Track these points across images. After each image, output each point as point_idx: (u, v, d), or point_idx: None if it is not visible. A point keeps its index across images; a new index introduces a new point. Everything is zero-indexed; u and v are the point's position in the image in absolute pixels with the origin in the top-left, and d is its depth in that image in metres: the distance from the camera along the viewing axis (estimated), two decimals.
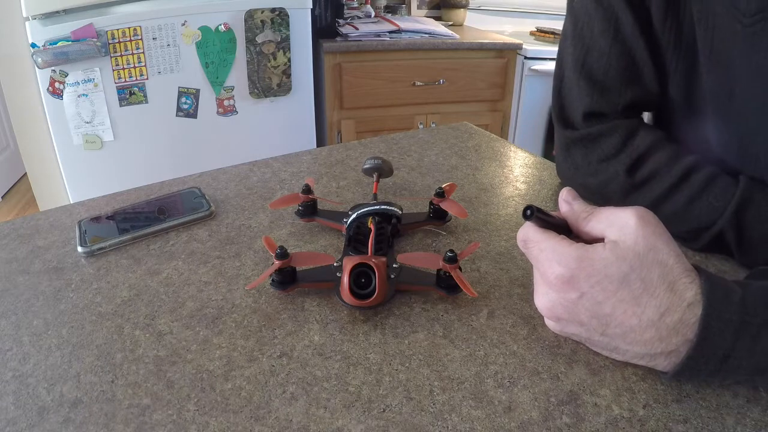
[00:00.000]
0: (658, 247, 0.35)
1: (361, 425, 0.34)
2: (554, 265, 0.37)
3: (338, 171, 0.70)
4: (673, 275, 0.34)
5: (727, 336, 0.33)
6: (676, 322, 0.34)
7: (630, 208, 0.36)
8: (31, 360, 0.39)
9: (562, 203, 0.41)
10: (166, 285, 0.47)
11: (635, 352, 0.37)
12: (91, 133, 1.68)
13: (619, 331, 0.36)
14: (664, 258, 0.35)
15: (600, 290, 0.36)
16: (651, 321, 0.35)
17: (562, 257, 0.36)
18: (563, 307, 0.37)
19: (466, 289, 0.43)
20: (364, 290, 0.42)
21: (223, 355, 0.39)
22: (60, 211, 0.60)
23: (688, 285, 0.34)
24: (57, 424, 0.34)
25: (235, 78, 1.80)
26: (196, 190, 0.62)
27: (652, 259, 0.35)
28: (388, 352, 0.39)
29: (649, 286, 0.35)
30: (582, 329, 0.38)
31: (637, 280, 0.35)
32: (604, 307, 0.36)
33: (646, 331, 0.35)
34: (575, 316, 0.37)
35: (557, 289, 0.37)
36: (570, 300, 0.37)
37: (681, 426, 0.33)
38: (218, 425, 0.34)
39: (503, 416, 0.34)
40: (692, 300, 0.34)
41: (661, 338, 0.35)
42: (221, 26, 1.72)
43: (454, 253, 0.43)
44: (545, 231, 0.38)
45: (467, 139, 0.81)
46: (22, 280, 0.48)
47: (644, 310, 0.35)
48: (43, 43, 1.53)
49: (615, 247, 0.35)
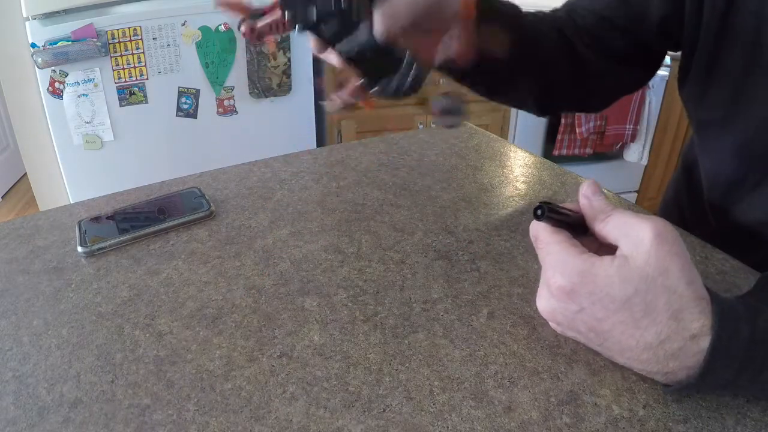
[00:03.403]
0: (671, 270, 0.33)
1: (361, 425, 0.34)
2: (557, 275, 0.35)
3: (338, 171, 0.70)
4: (681, 303, 0.33)
5: (732, 370, 0.32)
6: (675, 350, 0.33)
7: (650, 219, 0.34)
8: (31, 360, 0.39)
9: (581, 197, 0.38)
10: (166, 285, 0.47)
11: (632, 366, 0.36)
12: (91, 133, 1.68)
13: (617, 348, 0.35)
14: (674, 284, 0.33)
15: (600, 308, 0.34)
16: (649, 345, 0.33)
17: (565, 268, 0.35)
18: (563, 316, 0.37)
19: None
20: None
21: (223, 355, 0.39)
22: (60, 211, 0.60)
23: (696, 316, 0.32)
24: (57, 424, 0.34)
25: (235, 78, 1.80)
26: (196, 190, 0.62)
27: (660, 284, 0.33)
28: (388, 352, 0.39)
29: (652, 312, 0.33)
30: (581, 337, 0.38)
31: (640, 303, 0.33)
32: (603, 324, 0.35)
33: (643, 353, 0.34)
34: (574, 326, 0.37)
35: (557, 298, 0.36)
36: (569, 311, 0.36)
37: (681, 426, 0.33)
38: (218, 425, 0.34)
39: (503, 416, 0.34)
40: (697, 332, 0.32)
41: (657, 361, 0.34)
42: (221, 26, 1.72)
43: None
44: (556, 232, 0.37)
45: (467, 139, 0.81)
46: (22, 280, 0.48)
47: (643, 333, 0.33)
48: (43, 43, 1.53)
49: (623, 266, 0.33)
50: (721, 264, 0.49)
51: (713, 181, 0.58)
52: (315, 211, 0.59)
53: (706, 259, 0.50)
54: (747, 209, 0.54)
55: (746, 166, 0.52)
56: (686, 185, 0.67)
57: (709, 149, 0.57)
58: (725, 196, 0.57)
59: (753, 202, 0.53)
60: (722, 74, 0.49)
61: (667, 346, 0.33)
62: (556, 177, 0.67)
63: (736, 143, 0.52)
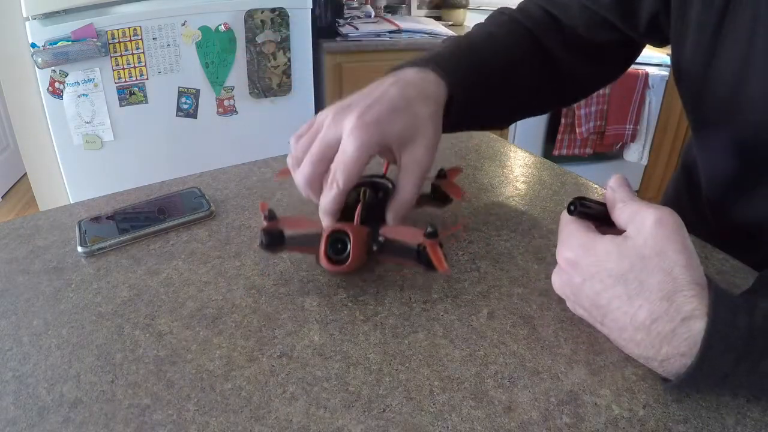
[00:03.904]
0: (667, 253, 0.34)
1: (361, 425, 0.34)
2: (564, 248, 0.40)
3: None
4: (675, 285, 0.34)
5: (729, 359, 0.32)
6: (667, 332, 0.33)
7: (654, 207, 0.36)
8: (31, 360, 0.39)
9: (608, 188, 0.41)
10: (166, 285, 0.47)
11: (630, 350, 0.37)
12: (91, 133, 1.68)
13: (615, 326, 0.37)
14: (669, 266, 0.34)
15: (598, 280, 0.37)
16: (642, 324, 0.35)
17: (572, 242, 0.39)
18: (570, 289, 0.40)
19: (439, 265, 0.42)
20: (340, 256, 0.43)
21: (223, 355, 0.39)
22: (60, 211, 0.60)
23: (689, 298, 0.33)
24: (57, 424, 0.34)
25: (235, 78, 1.80)
26: (196, 190, 0.62)
27: (655, 264, 0.34)
28: (388, 352, 0.39)
29: (645, 290, 0.34)
30: (586, 314, 0.40)
31: (634, 280, 0.35)
32: (601, 298, 0.37)
33: (637, 332, 0.35)
34: (579, 300, 0.39)
35: (565, 270, 0.40)
36: (575, 283, 0.39)
37: (681, 426, 0.33)
38: (218, 425, 0.34)
39: (503, 416, 0.34)
40: (689, 314, 0.33)
41: (652, 344, 0.35)
42: (221, 26, 1.72)
43: (435, 229, 0.43)
44: (576, 219, 0.40)
45: (467, 139, 0.81)
46: (22, 280, 0.48)
47: (636, 311, 0.35)
48: (43, 43, 1.53)
49: (622, 243, 0.36)
50: (721, 264, 0.49)
51: (711, 181, 0.58)
52: (315, 211, 0.59)
53: (706, 259, 0.50)
54: (745, 209, 0.54)
55: (744, 166, 0.52)
56: (686, 185, 0.67)
57: (707, 148, 0.57)
58: (724, 196, 0.57)
59: (751, 202, 0.53)
60: (719, 73, 0.49)
61: (659, 327, 0.34)
62: (556, 177, 0.67)
63: (734, 143, 0.52)
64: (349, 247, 0.43)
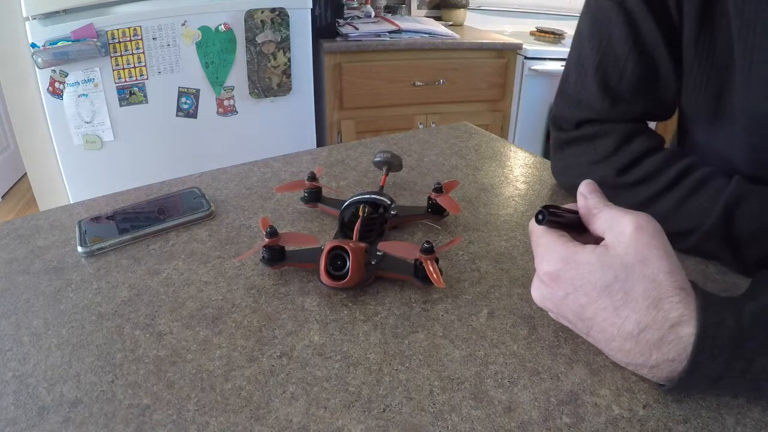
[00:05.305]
0: (650, 260, 0.34)
1: (361, 425, 0.34)
2: (543, 262, 0.38)
3: (338, 171, 0.70)
4: (660, 292, 0.33)
5: (720, 362, 0.32)
6: (656, 340, 0.33)
7: (632, 213, 0.36)
8: (31, 360, 0.39)
9: (578, 195, 0.40)
10: (166, 285, 0.47)
11: (619, 359, 0.37)
12: (91, 133, 1.68)
13: (602, 336, 0.37)
14: (653, 273, 0.34)
15: (583, 294, 0.36)
16: (630, 334, 0.34)
17: (552, 255, 0.37)
18: (552, 302, 0.39)
19: (435, 281, 0.43)
20: (340, 272, 0.44)
21: (223, 355, 0.39)
22: (60, 211, 0.60)
23: (675, 304, 0.33)
24: (57, 424, 0.34)
25: (235, 78, 1.80)
26: (196, 190, 0.62)
27: (639, 272, 0.34)
28: (388, 352, 0.39)
29: (631, 300, 0.34)
30: (571, 325, 0.39)
31: (619, 291, 0.34)
32: (587, 311, 0.36)
33: (625, 342, 0.35)
34: (563, 313, 0.39)
35: (546, 284, 0.38)
36: (557, 297, 0.38)
37: (681, 426, 0.33)
38: (218, 425, 0.34)
39: (503, 416, 0.34)
40: (676, 321, 0.33)
41: (641, 352, 0.34)
42: (221, 26, 1.72)
43: (431, 245, 0.44)
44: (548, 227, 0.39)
45: (467, 139, 0.81)
46: (22, 280, 0.48)
47: (623, 322, 0.34)
48: (43, 43, 1.53)
49: (603, 254, 0.35)
50: (720, 264, 0.49)
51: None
52: (315, 212, 0.60)
53: (706, 259, 0.50)
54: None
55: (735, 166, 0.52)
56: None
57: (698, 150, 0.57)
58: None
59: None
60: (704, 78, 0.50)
61: (648, 335, 0.34)
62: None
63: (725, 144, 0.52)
64: (348, 263, 0.44)
